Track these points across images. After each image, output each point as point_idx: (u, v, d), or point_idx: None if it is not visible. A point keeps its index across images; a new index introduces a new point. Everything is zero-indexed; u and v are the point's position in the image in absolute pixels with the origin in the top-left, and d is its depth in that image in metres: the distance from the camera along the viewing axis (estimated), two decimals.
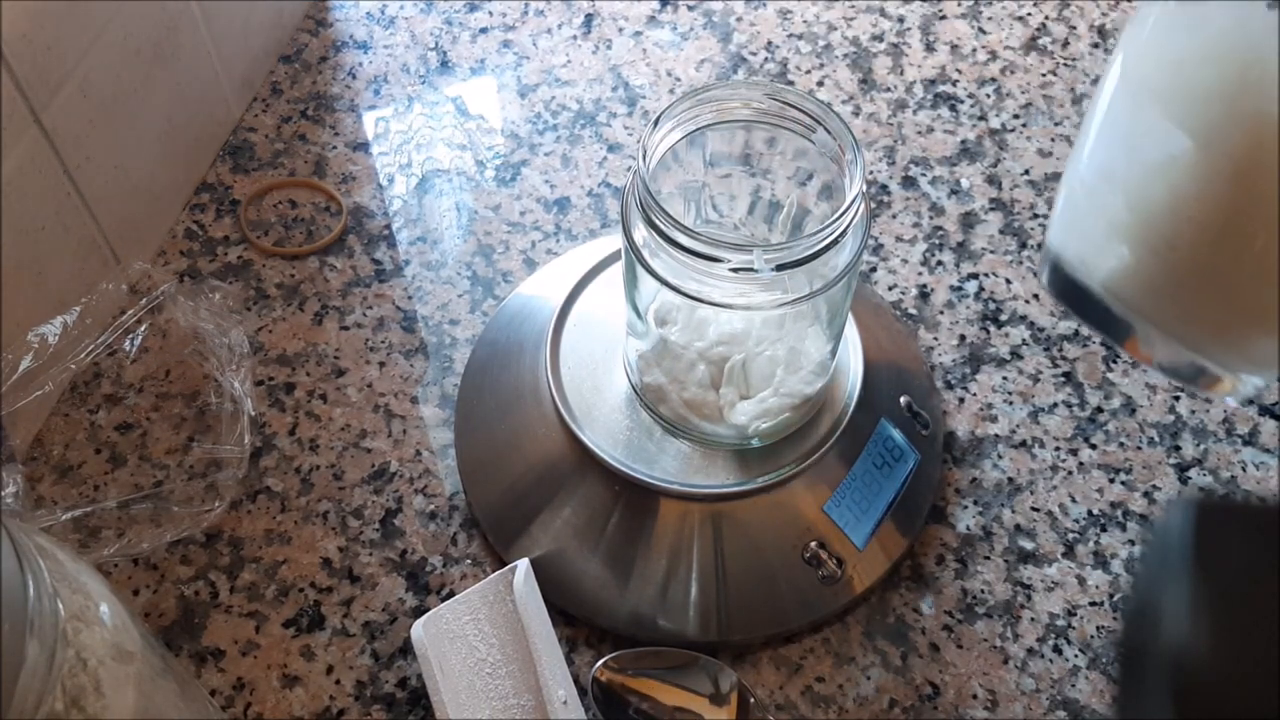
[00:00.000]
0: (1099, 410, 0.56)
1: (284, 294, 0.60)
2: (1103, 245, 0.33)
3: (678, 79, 0.69)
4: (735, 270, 0.42)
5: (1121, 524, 0.53)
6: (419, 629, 0.47)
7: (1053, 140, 0.66)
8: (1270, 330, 0.32)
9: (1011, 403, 0.57)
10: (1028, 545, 0.52)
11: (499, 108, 0.68)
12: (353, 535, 0.52)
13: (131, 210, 0.58)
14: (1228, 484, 0.55)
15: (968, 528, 0.53)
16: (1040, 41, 0.71)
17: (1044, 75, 0.69)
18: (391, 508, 0.53)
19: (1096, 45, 0.70)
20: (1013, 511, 0.53)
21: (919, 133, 0.66)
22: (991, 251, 0.62)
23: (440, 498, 0.54)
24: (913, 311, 0.60)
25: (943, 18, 0.72)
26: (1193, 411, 0.56)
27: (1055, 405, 0.56)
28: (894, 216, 0.63)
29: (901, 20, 0.72)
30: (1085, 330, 0.59)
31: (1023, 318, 0.59)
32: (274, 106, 0.67)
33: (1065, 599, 0.51)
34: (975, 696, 0.49)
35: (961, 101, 0.68)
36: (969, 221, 0.63)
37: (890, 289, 0.60)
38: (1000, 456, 0.55)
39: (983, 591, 0.51)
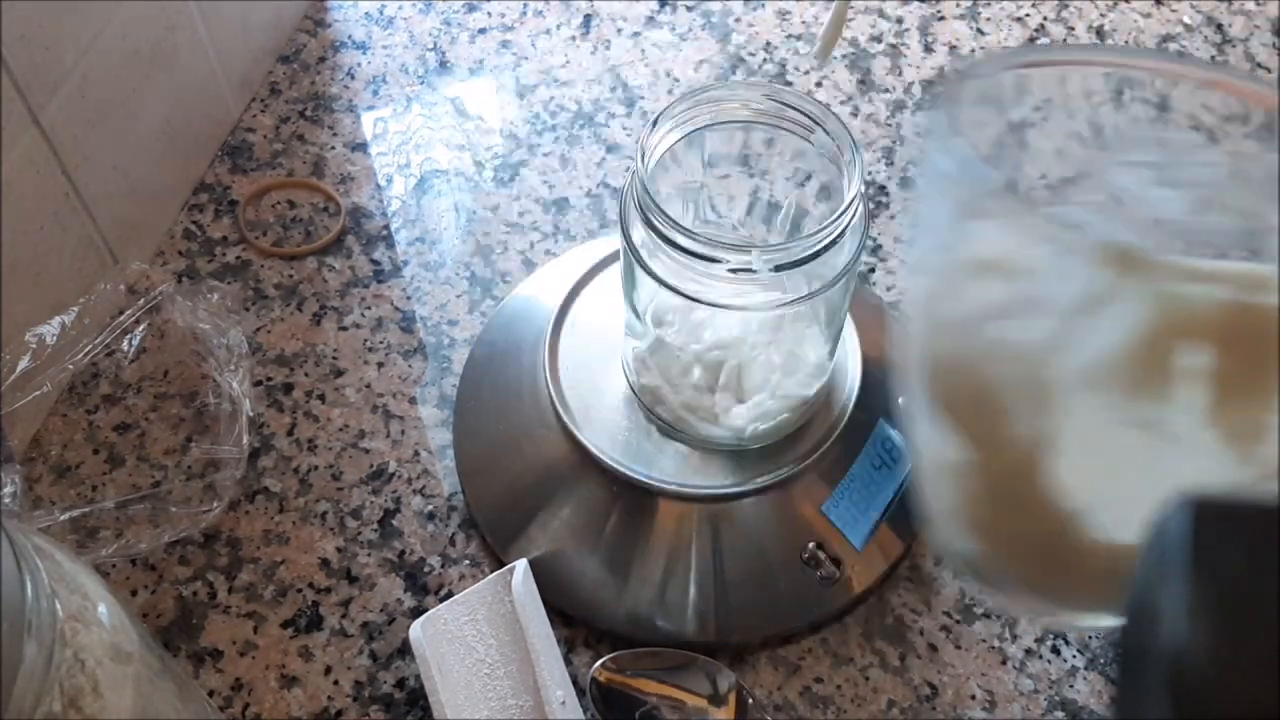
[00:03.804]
0: None
1: (282, 294, 0.60)
2: (952, 528, 0.33)
3: (676, 79, 0.69)
4: (734, 271, 0.42)
5: None
6: (417, 629, 0.47)
7: None
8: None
9: None
10: None
11: (497, 108, 0.68)
12: (351, 536, 0.52)
13: (130, 210, 0.58)
14: None
15: None
16: (1039, 42, 0.71)
17: None
18: (390, 508, 0.53)
19: (1095, 46, 0.70)
20: None
21: (918, 134, 0.66)
22: None
23: (439, 498, 0.54)
24: None
25: (941, 19, 0.72)
26: None
27: None
28: (893, 217, 0.63)
29: (900, 21, 0.72)
30: None
31: None
32: (272, 107, 0.67)
33: None
34: (974, 697, 0.49)
35: None
36: None
37: (889, 290, 0.60)
38: None
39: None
